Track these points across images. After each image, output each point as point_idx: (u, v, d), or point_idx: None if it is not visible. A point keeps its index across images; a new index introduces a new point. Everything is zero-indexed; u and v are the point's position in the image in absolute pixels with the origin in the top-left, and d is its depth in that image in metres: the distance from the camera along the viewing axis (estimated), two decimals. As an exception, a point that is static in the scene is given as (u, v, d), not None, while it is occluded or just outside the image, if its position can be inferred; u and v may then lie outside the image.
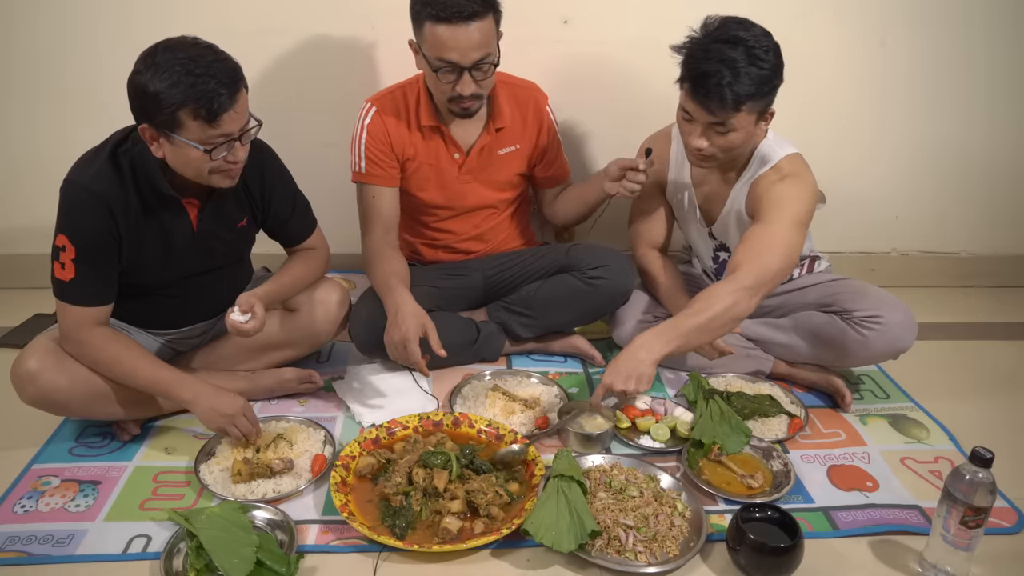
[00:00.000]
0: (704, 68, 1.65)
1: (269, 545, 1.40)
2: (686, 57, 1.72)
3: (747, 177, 1.87)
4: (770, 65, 1.66)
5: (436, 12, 1.74)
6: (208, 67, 1.43)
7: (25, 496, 1.59)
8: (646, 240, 2.14)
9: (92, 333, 1.63)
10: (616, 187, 1.95)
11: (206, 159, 1.50)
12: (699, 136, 1.74)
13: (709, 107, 1.68)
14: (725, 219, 1.96)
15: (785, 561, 1.41)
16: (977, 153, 2.63)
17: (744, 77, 1.63)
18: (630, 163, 1.92)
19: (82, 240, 1.56)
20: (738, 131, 1.71)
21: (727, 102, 1.65)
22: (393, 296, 1.88)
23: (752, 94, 1.65)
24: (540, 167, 2.18)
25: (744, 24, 1.69)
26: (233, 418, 1.65)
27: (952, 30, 2.45)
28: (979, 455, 1.34)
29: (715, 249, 2.07)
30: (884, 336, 1.85)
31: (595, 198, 2.09)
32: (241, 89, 1.50)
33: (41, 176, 2.03)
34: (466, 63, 1.80)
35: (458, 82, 1.84)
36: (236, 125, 1.50)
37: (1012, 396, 2.09)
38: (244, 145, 1.56)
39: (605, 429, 1.77)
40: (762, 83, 1.66)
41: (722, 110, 1.67)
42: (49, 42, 2.31)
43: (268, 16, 2.30)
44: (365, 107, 2.02)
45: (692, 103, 1.71)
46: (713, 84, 1.64)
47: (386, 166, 2.01)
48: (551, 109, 2.15)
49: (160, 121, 1.46)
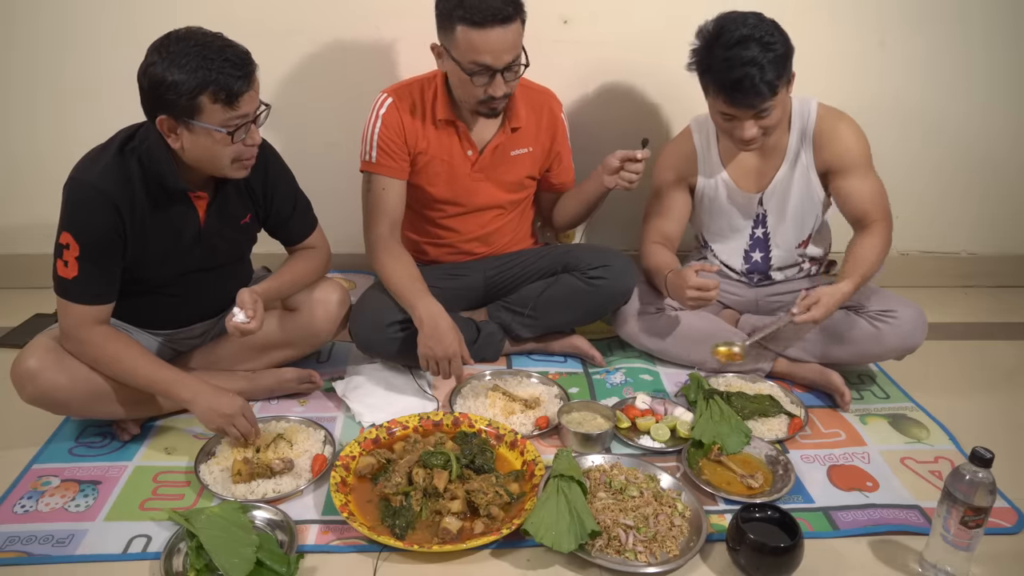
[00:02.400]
0: (733, 76, 1.75)
1: (269, 545, 1.40)
2: (708, 72, 1.81)
3: (798, 128, 1.97)
4: (779, 42, 1.77)
5: (471, 16, 1.76)
6: (221, 51, 1.47)
7: (25, 496, 1.59)
8: (661, 233, 2.12)
9: (93, 332, 1.63)
10: (614, 180, 1.96)
11: (227, 141, 1.53)
12: (748, 128, 1.83)
13: (752, 104, 1.78)
14: (784, 179, 2.01)
15: (785, 561, 1.41)
16: (977, 153, 2.63)
17: (768, 66, 1.74)
18: (629, 154, 1.94)
19: (87, 238, 1.56)
20: (777, 107, 1.83)
21: (764, 94, 1.76)
22: (425, 304, 1.88)
23: (779, 75, 1.77)
24: (553, 173, 2.19)
25: (739, 19, 1.78)
26: (232, 418, 1.65)
27: (951, 30, 2.45)
28: (979, 455, 1.34)
29: (753, 226, 2.09)
30: (897, 330, 1.89)
31: (594, 195, 2.09)
32: (254, 71, 1.54)
33: (41, 175, 2.04)
34: (499, 65, 1.82)
35: (490, 84, 1.85)
36: (252, 106, 1.55)
37: (1012, 396, 2.09)
38: (259, 127, 1.59)
39: (605, 429, 1.77)
40: (781, 62, 1.78)
41: (763, 101, 1.78)
42: (49, 40, 2.31)
43: (270, 16, 2.30)
44: (380, 98, 2.01)
45: (733, 108, 1.81)
46: (748, 87, 1.75)
47: (398, 158, 2.00)
48: (565, 117, 2.17)
49: (180, 109, 1.48)
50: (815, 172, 1.99)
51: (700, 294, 1.89)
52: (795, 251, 2.09)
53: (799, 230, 2.06)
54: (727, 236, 2.14)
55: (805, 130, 1.97)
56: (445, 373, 1.87)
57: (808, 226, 2.06)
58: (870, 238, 1.93)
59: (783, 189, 2.02)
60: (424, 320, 1.86)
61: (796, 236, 2.07)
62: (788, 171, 2.00)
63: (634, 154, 1.93)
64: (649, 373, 2.11)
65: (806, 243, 2.09)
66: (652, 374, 2.11)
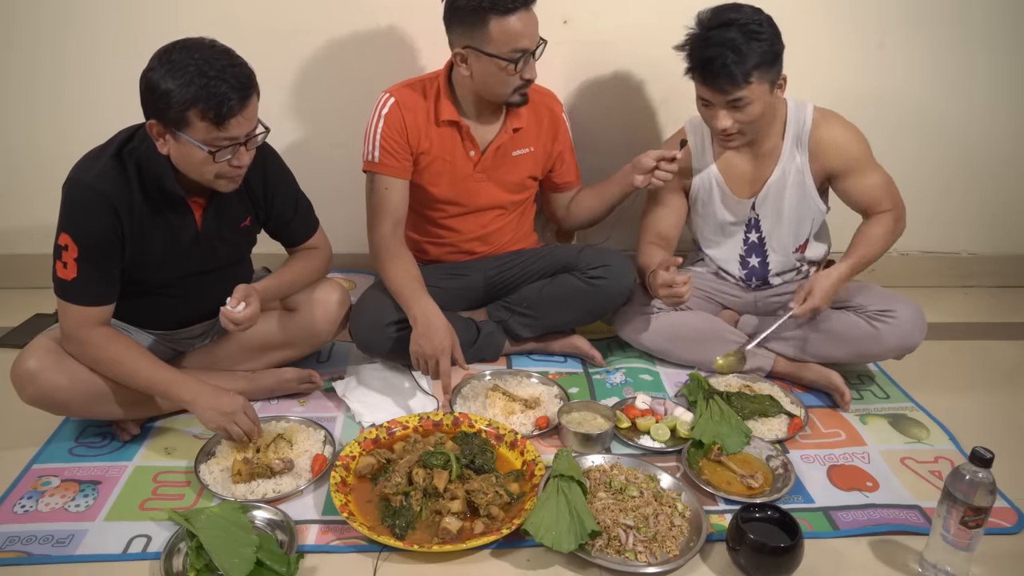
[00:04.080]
0: (707, 54, 1.77)
1: (269, 545, 1.40)
2: (689, 50, 1.83)
3: (792, 133, 1.95)
4: (767, 35, 1.77)
5: (503, 5, 1.79)
6: (222, 71, 1.44)
7: (25, 496, 1.59)
8: (657, 231, 2.11)
9: (93, 333, 1.63)
10: (647, 179, 1.97)
11: (209, 161, 1.51)
12: (722, 118, 1.83)
13: (722, 87, 1.78)
14: (777, 184, 1.99)
15: (785, 561, 1.41)
16: (977, 153, 2.63)
17: (746, 51, 1.74)
18: (666, 154, 1.95)
19: (85, 239, 1.56)
20: (755, 103, 1.81)
21: (736, 78, 1.76)
22: (420, 304, 1.88)
23: (757, 64, 1.76)
24: (558, 173, 2.19)
25: (733, 7, 1.81)
26: (233, 415, 1.65)
27: (951, 31, 2.44)
28: (979, 455, 1.34)
29: (746, 230, 2.08)
30: (896, 330, 1.89)
31: (619, 194, 2.10)
32: (252, 96, 1.50)
33: (41, 175, 2.04)
34: (535, 46, 1.88)
35: (526, 68, 1.89)
36: (243, 130, 1.51)
37: (1012, 396, 2.09)
38: (249, 151, 1.56)
39: (605, 429, 1.77)
40: (763, 55, 1.76)
41: (734, 86, 1.77)
42: (49, 41, 2.30)
43: (274, 16, 2.30)
44: (383, 97, 2.01)
45: (705, 88, 1.82)
46: (719, 66, 1.75)
47: (400, 157, 2.00)
48: (566, 117, 2.17)
49: (168, 118, 1.47)
50: (811, 178, 1.98)
51: (671, 291, 1.89)
52: (793, 256, 2.09)
53: (795, 235, 2.06)
54: (721, 241, 2.13)
55: (800, 136, 1.95)
56: (434, 372, 1.84)
57: (805, 231, 2.06)
58: (873, 224, 1.97)
59: (776, 194, 2.01)
60: (418, 318, 1.86)
61: (793, 241, 2.07)
62: (781, 176, 1.99)
63: (672, 154, 1.94)
64: (649, 373, 2.11)
65: (803, 247, 2.08)
66: (652, 374, 2.11)
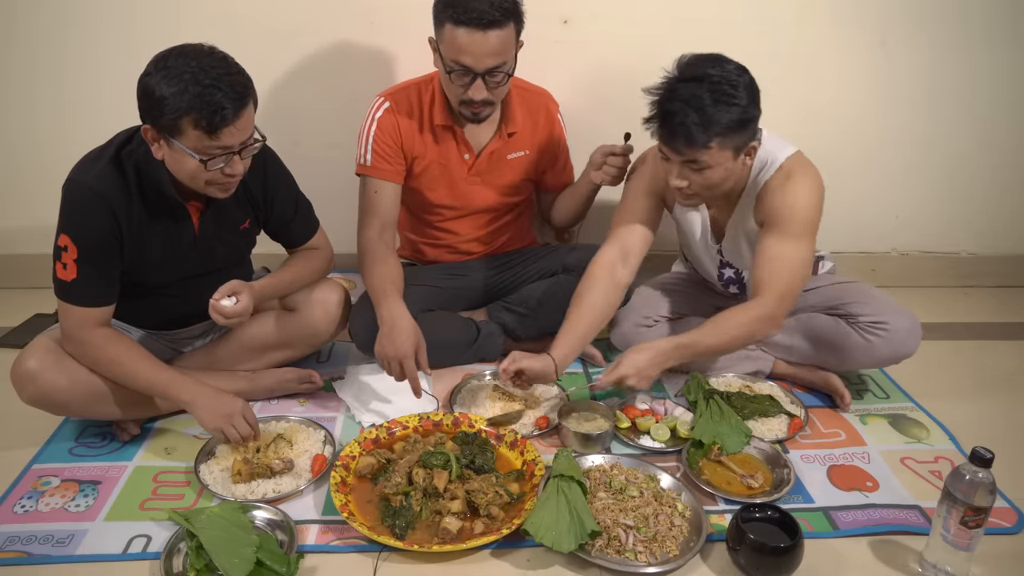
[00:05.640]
0: (668, 108, 1.60)
1: (269, 545, 1.40)
2: (656, 97, 1.65)
3: (755, 174, 1.79)
4: (740, 100, 1.58)
5: (457, 15, 1.75)
6: (217, 79, 1.43)
7: (25, 496, 1.59)
8: (619, 241, 1.91)
9: (93, 334, 1.63)
10: (600, 175, 1.98)
11: (201, 169, 1.50)
12: (676, 176, 1.69)
13: (676, 147, 1.63)
14: (734, 238, 1.90)
15: (785, 561, 1.41)
16: (977, 153, 2.63)
17: (711, 114, 1.57)
18: (610, 148, 1.96)
19: (85, 240, 1.56)
20: (714, 168, 1.65)
21: (694, 140, 1.59)
22: (388, 305, 1.85)
23: (720, 132, 1.59)
24: (550, 174, 2.19)
25: (716, 60, 1.62)
26: (231, 418, 1.65)
27: (952, 29, 2.45)
28: (979, 455, 1.34)
29: (719, 267, 2.02)
30: (889, 343, 1.86)
31: (584, 190, 2.11)
32: (247, 105, 1.49)
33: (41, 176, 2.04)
34: (479, 69, 1.81)
35: (470, 87, 1.84)
36: (236, 139, 1.50)
37: (1012, 396, 2.09)
38: (244, 159, 1.55)
39: (605, 429, 1.77)
40: (731, 122, 1.59)
41: (690, 148, 1.61)
42: (50, 41, 2.30)
43: (272, 16, 2.30)
44: (377, 101, 2.01)
45: (662, 143, 1.67)
46: (677, 123, 1.59)
47: (392, 161, 2.00)
48: (561, 117, 2.17)
49: (162, 125, 1.46)
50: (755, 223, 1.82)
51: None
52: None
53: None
54: (705, 263, 2.04)
55: (758, 179, 1.78)
56: (397, 374, 1.82)
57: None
58: (739, 310, 1.72)
59: (733, 238, 1.90)
60: (384, 319, 1.84)
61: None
62: (736, 221, 1.87)
63: (614, 148, 1.94)
64: (649, 373, 2.10)
65: None
66: (652, 374, 2.10)
